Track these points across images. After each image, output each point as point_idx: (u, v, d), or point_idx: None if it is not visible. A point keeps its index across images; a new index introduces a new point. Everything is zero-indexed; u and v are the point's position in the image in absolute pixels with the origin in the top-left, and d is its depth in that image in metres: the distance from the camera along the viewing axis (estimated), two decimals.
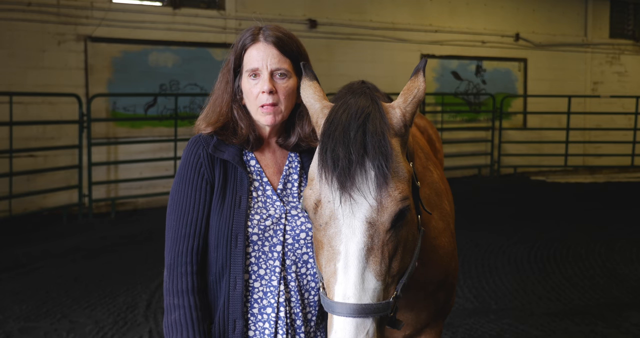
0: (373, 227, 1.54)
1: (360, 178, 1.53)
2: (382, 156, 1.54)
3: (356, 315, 1.49)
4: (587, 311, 5.06)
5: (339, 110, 1.66)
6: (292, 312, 1.87)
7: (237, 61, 1.93)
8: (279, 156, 2.00)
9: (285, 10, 10.89)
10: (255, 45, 1.90)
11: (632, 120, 13.77)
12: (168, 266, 1.85)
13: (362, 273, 1.52)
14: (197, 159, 1.88)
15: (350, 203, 1.54)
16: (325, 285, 1.58)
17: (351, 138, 1.57)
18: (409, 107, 1.74)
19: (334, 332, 1.50)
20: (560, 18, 14.15)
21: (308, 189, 1.64)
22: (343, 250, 1.54)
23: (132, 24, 9.52)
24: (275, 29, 1.92)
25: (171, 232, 1.87)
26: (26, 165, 8.53)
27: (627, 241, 7.31)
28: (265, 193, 1.91)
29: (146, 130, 9.77)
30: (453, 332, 4.61)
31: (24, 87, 8.61)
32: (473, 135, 13.10)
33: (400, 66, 12.04)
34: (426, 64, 1.81)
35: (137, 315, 4.91)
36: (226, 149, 1.90)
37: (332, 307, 1.52)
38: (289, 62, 1.89)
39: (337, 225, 1.56)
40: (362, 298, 1.51)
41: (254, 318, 1.85)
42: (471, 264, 6.35)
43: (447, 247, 2.32)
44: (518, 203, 10.00)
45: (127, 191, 9.47)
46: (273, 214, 1.88)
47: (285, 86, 1.88)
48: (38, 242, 7.24)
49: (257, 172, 1.93)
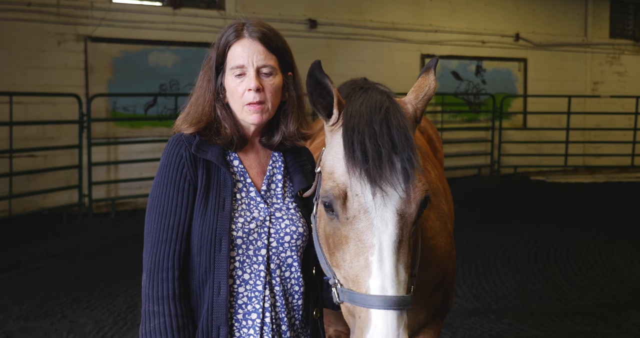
0: (403, 219, 1.56)
1: (389, 171, 1.54)
2: (409, 149, 1.56)
3: (396, 307, 1.48)
4: (587, 311, 5.05)
5: (355, 103, 1.65)
6: (278, 316, 1.82)
7: (219, 58, 1.86)
8: (263, 156, 1.94)
9: (285, 10, 10.89)
10: (239, 41, 1.83)
11: (632, 120, 13.77)
12: (147, 271, 1.75)
13: (396, 265, 1.53)
14: (179, 159, 1.80)
15: (382, 196, 1.54)
16: (352, 280, 1.55)
17: (377, 131, 1.57)
18: (419, 103, 1.76)
19: (373, 326, 1.47)
20: (560, 18, 14.15)
21: (329, 182, 1.62)
22: (377, 242, 1.53)
23: (132, 24, 9.52)
24: (259, 25, 1.85)
25: (151, 236, 1.78)
26: (26, 165, 8.53)
27: (627, 241, 7.30)
28: (249, 194, 1.85)
29: (146, 130, 9.77)
30: (453, 332, 4.61)
31: (24, 87, 8.62)
32: (473, 135, 13.10)
33: (400, 66, 12.04)
34: (437, 62, 1.83)
35: (137, 315, 4.91)
36: (209, 149, 1.83)
37: (368, 300, 1.49)
38: (275, 59, 1.84)
39: (369, 217, 1.55)
40: (399, 291, 1.51)
41: (238, 324, 1.78)
42: (471, 264, 6.35)
43: (445, 248, 2.32)
44: (518, 203, 9.99)
45: (127, 191, 9.47)
46: (257, 217, 1.82)
47: (272, 83, 1.82)
48: (38, 242, 7.24)
49: (240, 173, 1.87)
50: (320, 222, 1.72)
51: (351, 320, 1.60)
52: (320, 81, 1.67)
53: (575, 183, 12.36)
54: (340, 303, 1.63)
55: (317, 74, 1.66)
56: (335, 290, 1.64)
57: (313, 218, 1.81)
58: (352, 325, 1.59)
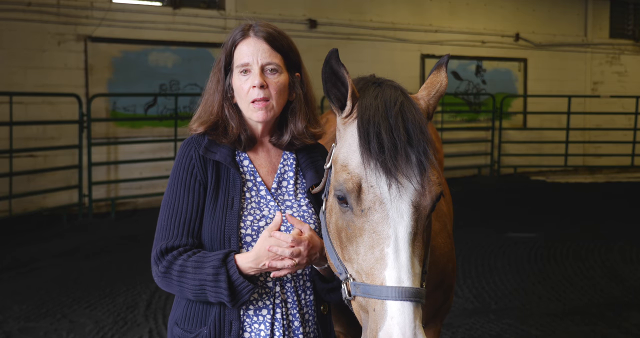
0: (417, 211, 1.56)
1: (405, 163, 1.54)
2: (425, 142, 1.56)
3: (413, 298, 1.46)
4: (587, 311, 5.05)
5: (370, 97, 1.65)
6: (289, 313, 1.84)
7: (227, 58, 1.91)
8: (274, 155, 1.97)
9: (285, 10, 10.89)
10: (245, 40, 1.88)
11: (632, 120, 13.76)
12: (155, 255, 1.80)
13: (412, 257, 1.52)
14: (189, 160, 1.86)
15: (397, 187, 1.54)
16: (366, 273, 1.54)
17: (392, 124, 1.57)
18: (432, 100, 1.78)
19: (389, 318, 1.45)
20: (560, 18, 14.14)
21: (343, 174, 1.61)
22: (392, 234, 1.52)
23: (132, 24, 9.52)
24: (265, 25, 1.90)
25: (160, 232, 1.84)
26: (26, 165, 8.53)
27: (627, 241, 7.30)
28: (259, 193, 1.88)
29: (146, 130, 9.77)
30: (453, 332, 4.61)
31: (24, 87, 8.61)
32: (473, 135, 13.10)
33: (400, 66, 12.04)
34: (448, 59, 1.84)
35: (137, 315, 4.91)
36: (218, 150, 1.88)
37: (383, 292, 1.48)
38: (280, 57, 1.87)
39: (384, 209, 1.54)
40: (415, 282, 1.50)
41: (249, 320, 1.82)
42: (471, 264, 6.35)
43: (444, 248, 2.31)
44: (518, 203, 9.99)
45: (127, 191, 9.47)
46: (267, 215, 1.85)
47: (276, 81, 1.85)
48: (38, 242, 7.24)
49: (250, 172, 1.90)
50: (332, 217, 1.71)
51: (363, 316, 1.58)
52: (336, 70, 1.66)
53: (575, 183, 12.36)
54: (351, 299, 1.61)
55: (333, 62, 1.65)
56: (346, 286, 1.62)
57: (322, 214, 1.81)
58: (365, 320, 1.57)
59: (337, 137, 1.78)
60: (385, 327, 1.44)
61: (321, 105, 11.02)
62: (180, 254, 1.77)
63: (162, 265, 1.77)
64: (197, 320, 1.84)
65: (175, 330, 1.88)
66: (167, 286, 1.80)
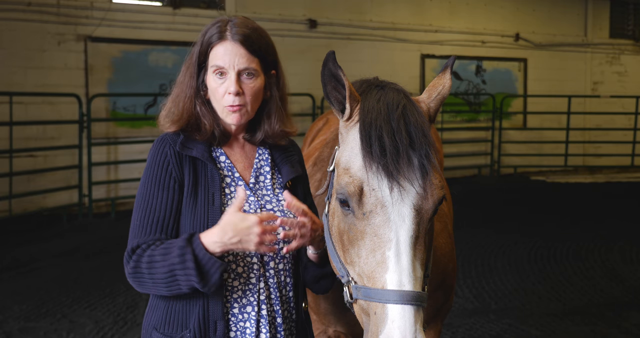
0: (419, 215, 1.55)
1: (407, 167, 1.54)
2: (427, 146, 1.56)
3: (414, 302, 1.46)
4: (587, 311, 5.05)
5: (372, 99, 1.65)
6: (273, 309, 1.82)
7: (202, 56, 1.85)
8: (248, 150, 1.95)
9: (285, 10, 10.89)
10: (222, 43, 1.80)
11: (632, 120, 13.77)
12: (125, 255, 1.73)
13: (413, 260, 1.52)
14: (164, 157, 1.80)
15: (399, 191, 1.53)
16: (367, 276, 1.54)
17: (394, 127, 1.57)
18: (433, 103, 1.76)
19: (390, 321, 1.45)
20: (560, 18, 14.14)
21: (345, 178, 1.61)
22: (394, 237, 1.52)
23: (132, 24, 9.52)
24: (243, 25, 1.83)
25: (133, 232, 1.77)
26: (26, 165, 8.53)
27: (627, 241, 7.30)
28: (238, 188, 1.85)
29: (146, 130, 9.77)
30: (453, 332, 4.61)
31: (24, 87, 8.61)
32: (473, 135, 13.10)
33: (400, 66, 12.04)
34: (454, 62, 1.83)
35: (137, 315, 4.91)
36: (194, 146, 1.83)
37: (384, 295, 1.47)
38: (257, 61, 1.82)
39: (386, 212, 1.54)
40: (416, 286, 1.49)
41: (234, 319, 1.79)
42: (471, 264, 6.35)
43: (444, 248, 2.31)
44: (518, 203, 9.99)
45: (127, 191, 9.47)
46: (247, 210, 1.82)
47: (252, 86, 1.81)
48: (38, 242, 7.24)
49: (228, 168, 1.88)
50: (334, 220, 1.70)
51: (365, 319, 1.58)
52: (335, 73, 1.66)
53: (575, 183, 12.36)
54: (352, 302, 1.61)
55: (331, 65, 1.64)
56: (348, 289, 1.62)
57: (325, 217, 1.80)
58: (366, 323, 1.57)
59: (339, 140, 1.78)
60: (386, 330, 1.45)
61: (321, 105, 11.02)
62: (148, 246, 1.71)
63: (132, 261, 1.70)
64: (179, 322, 1.77)
65: (154, 335, 1.80)
66: (140, 284, 1.73)
